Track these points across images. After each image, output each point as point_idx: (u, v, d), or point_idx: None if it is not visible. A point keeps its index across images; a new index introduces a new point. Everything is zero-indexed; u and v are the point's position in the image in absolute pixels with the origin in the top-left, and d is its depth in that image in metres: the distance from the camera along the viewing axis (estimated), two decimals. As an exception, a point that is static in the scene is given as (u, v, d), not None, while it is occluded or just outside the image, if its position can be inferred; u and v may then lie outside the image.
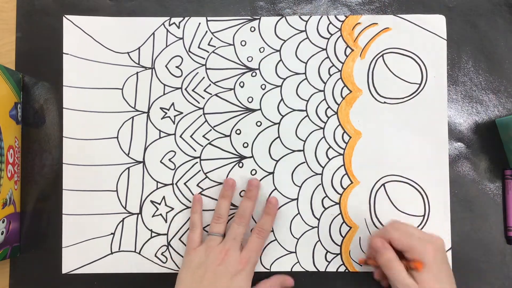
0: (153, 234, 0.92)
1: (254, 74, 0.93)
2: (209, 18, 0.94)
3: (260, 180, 0.92)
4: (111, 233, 0.92)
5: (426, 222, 0.91)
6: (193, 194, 0.92)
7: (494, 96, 0.94)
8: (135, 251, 0.92)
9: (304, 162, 0.93)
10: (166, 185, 0.93)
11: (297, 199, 0.92)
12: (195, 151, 0.93)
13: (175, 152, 0.93)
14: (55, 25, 0.94)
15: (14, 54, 0.95)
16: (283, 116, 0.93)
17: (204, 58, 0.94)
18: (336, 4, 0.95)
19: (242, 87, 0.93)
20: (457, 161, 0.93)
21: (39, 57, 0.94)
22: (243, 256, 0.84)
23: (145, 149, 0.93)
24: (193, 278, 0.83)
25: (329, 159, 0.92)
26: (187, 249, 0.88)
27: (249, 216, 0.88)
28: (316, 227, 0.92)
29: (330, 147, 0.93)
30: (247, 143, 0.93)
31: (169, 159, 0.93)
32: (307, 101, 0.93)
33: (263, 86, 0.93)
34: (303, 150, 0.93)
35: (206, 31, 0.94)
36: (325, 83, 0.93)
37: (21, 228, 0.92)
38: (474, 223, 0.91)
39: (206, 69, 0.94)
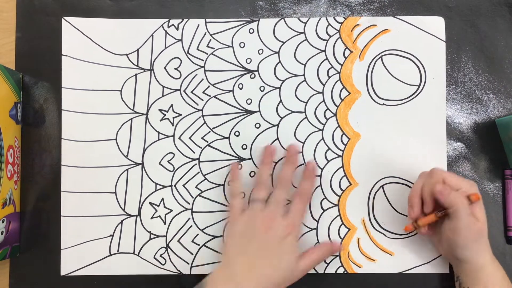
0: (152, 236, 0.92)
1: (253, 76, 0.93)
2: (208, 20, 0.94)
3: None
4: (110, 235, 0.92)
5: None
6: (192, 196, 0.93)
7: (494, 96, 0.93)
8: (134, 253, 0.92)
9: (303, 164, 0.93)
10: (165, 187, 0.93)
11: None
12: (194, 153, 0.93)
13: (174, 154, 0.93)
14: (55, 25, 0.94)
15: (14, 54, 0.95)
16: (282, 118, 0.93)
17: (203, 60, 0.94)
18: (336, 4, 0.95)
19: (241, 89, 0.93)
20: (457, 161, 0.93)
21: (39, 57, 0.94)
22: (288, 221, 0.84)
23: (144, 151, 0.93)
24: (241, 246, 0.83)
25: (328, 161, 0.92)
26: (230, 217, 0.88)
27: (290, 180, 0.88)
28: (315, 228, 0.92)
29: (329, 149, 0.92)
30: (246, 145, 0.93)
31: (168, 161, 0.93)
32: (306, 103, 0.93)
33: (262, 88, 0.93)
34: (302, 152, 0.93)
35: (205, 33, 0.94)
36: (324, 85, 0.93)
37: (21, 228, 0.92)
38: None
39: (205, 71, 0.93)
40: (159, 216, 0.92)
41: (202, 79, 0.93)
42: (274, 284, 0.80)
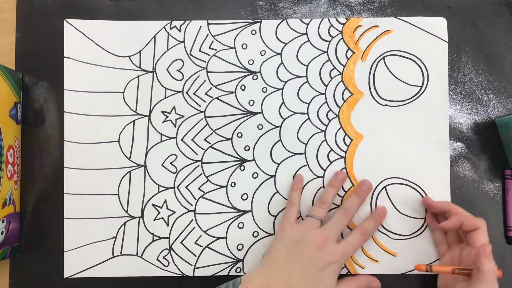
0: (155, 238, 0.92)
1: (255, 77, 0.93)
2: (210, 22, 0.94)
3: (262, 183, 0.93)
4: (113, 237, 0.92)
5: (427, 225, 0.91)
6: (195, 198, 0.92)
7: (494, 96, 0.94)
8: (137, 255, 0.92)
9: (305, 165, 0.93)
10: (167, 188, 0.93)
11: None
12: (197, 154, 0.93)
13: (176, 156, 0.93)
14: (55, 25, 0.94)
15: (14, 54, 0.94)
16: (284, 119, 0.93)
17: (205, 62, 0.93)
18: (336, 4, 0.95)
19: (243, 90, 0.93)
20: (457, 161, 0.93)
21: (39, 57, 0.94)
22: (341, 248, 0.83)
23: (147, 152, 0.93)
24: (287, 256, 0.83)
25: (331, 162, 0.93)
26: (282, 224, 0.88)
27: (354, 212, 0.88)
28: (318, 229, 0.92)
29: (332, 150, 0.93)
30: (248, 146, 0.93)
31: (171, 163, 0.93)
32: (309, 104, 0.93)
33: (264, 89, 0.93)
34: (304, 153, 0.93)
35: (207, 35, 0.94)
36: (326, 86, 0.93)
37: (21, 228, 0.92)
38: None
39: (207, 72, 0.93)
40: (162, 218, 0.92)
41: (205, 81, 0.93)
42: None
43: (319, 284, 0.81)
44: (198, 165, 0.93)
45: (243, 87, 0.93)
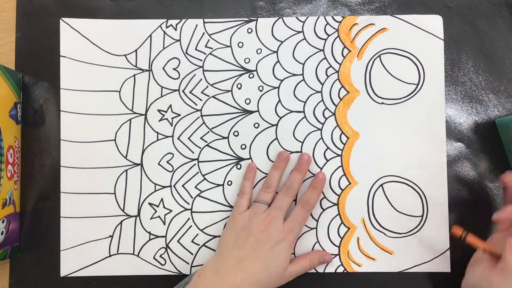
0: (152, 236, 0.92)
1: (251, 75, 0.93)
2: (206, 20, 0.94)
3: (258, 182, 0.93)
4: (110, 236, 0.92)
5: (424, 223, 0.91)
6: (191, 196, 0.93)
7: (494, 96, 0.93)
8: (133, 254, 0.92)
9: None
10: (164, 187, 0.93)
11: (295, 200, 0.92)
12: (193, 153, 0.93)
13: (173, 154, 0.93)
14: (55, 25, 0.95)
15: (14, 54, 0.95)
16: (280, 118, 0.93)
17: (201, 60, 0.94)
18: (336, 4, 0.95)
19: (239, 88, 0.93)
20: (457, 161, 0.93)
21: (39, 57, 0.95)
22: (286, 226, 0.86)
23: (143, 151, 0.93)
24: (236, 241, 0.85)
25: (327, 160, 0.92)
26: (233, 213, 0.90)
27: (296, 188, 0.90)
28: (314, 228, 0.92)
29: (328, 148, 0.92)
30: (245, 144, 0.93)
31: (167, 161, 0.93)
32: (305, 102, 0.93)
33: (260, 88, 0.93)
34: (301, 152, 0.93)
35: (203, 33, 0.94)
36: (322, 84, 0.93)
37: (21, 228, 0.92)
38: (473, 224, 0.91)
39: (204, 71, 0.93)
40: (159, 217, 0.92)
41: (201, 79, 0.93)
42: (260, 283, 0.82)
43: (272, 263, 0.83)
44: (195, 164, 0.93)
45: (239, 86, 0.93)
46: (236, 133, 0.93)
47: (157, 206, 0.92)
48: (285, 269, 0.84)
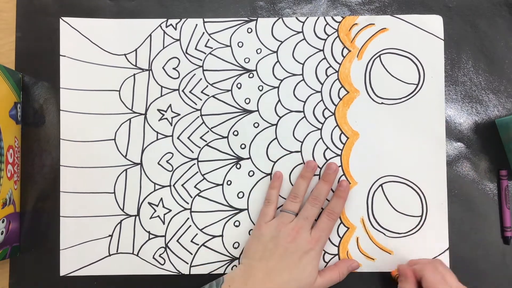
0: (151, 236, 0.92)
1: (251, 75, 0.93)
2: (206, 20, 0.94)
3: (258, 181, 0.93)
4: (109, 235, 0.92)
5: (423, 223, 0.91)
6: (191, 196, 0.92)
7: (494, 96, 0.93)
8: (133, 253, 0.92)
9: (301, 163, 0.92)
10: (163, 186, 0.93)
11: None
12: (193, 152, 0.93)
13: (172, 154, 0.93)
14: (55, 25, 0.95)
15: (14, 54, 0.95)
16: (280, 117, 0.93)
17: (201, 60, 0.94)
18: (336, 4, 0.95)
19: (239, 88, 0.93)
20: (457, 161, 0.93)
21: (39, 57, 0.95)
22: (314, 236, 0.86)
23: (143, 150, 0.93)
24: (264, 252, 0.85)
25: (327, 160, 0.92)
26: (258, 222, 0.90)
27: (323, 198, 0.89)
28: (314, 228, 0.92)
29: (328, 148, 0.92)
30: (244, 144, 0.93)
31: (167, 161, 0.93)
32: (305, 102, 0.93)
33: (260, 87, 0.93)
34: (300, 151, 0.93)
35: (203, 33, 0.94)
36: (322, 84, 0.93)
37: (21, 228, 0.92)
38: (473, 223, 0.91)
39: (203, 70, 0.94)
40: (158, 216, 0.92)
41: (201, 79, 0.93)
42: None
43: (301, 274, 0.83)
44: (194, 163, 0.93)
45: (239, 85, 0.93)
46: (235, 133, 0.93)
47: (157, 206, 0.92)
48: (315, 280, 0.85)
